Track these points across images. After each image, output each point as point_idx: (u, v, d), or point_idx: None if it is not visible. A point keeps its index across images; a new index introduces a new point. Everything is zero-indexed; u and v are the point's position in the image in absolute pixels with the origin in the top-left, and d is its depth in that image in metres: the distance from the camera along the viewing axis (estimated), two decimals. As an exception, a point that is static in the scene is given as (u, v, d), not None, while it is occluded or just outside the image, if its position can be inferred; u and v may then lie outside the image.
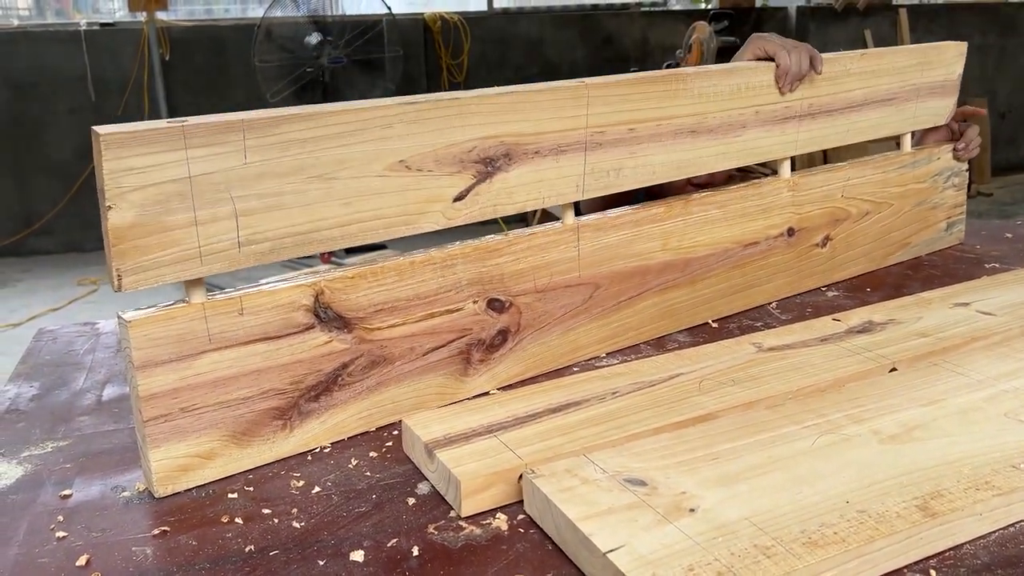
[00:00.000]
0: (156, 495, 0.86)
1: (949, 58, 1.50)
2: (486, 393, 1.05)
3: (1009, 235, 1.64)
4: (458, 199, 1.00)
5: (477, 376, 1.06)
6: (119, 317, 0.85)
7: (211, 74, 5.33)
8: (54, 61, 5.10)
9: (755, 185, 1.29)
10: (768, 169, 1.42)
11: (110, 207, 0.79)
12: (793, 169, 1.36)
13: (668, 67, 1.45)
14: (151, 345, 0.84)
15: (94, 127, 0.78)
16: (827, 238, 1.39)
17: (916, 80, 1.46)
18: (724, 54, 4.75)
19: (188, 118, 0.83)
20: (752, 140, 1.25)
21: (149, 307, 0.86)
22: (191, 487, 0.88)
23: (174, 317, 0.85)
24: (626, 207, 1.18)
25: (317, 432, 0.95)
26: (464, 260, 1.02)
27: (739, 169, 1.33)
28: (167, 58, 5.19)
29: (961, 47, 1.52)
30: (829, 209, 1.38)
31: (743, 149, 1.25)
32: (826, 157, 2.91)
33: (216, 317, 0.87)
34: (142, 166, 0.79)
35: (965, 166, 1.58)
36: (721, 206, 1.25)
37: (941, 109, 1.52)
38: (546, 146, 1.05)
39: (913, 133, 1.50)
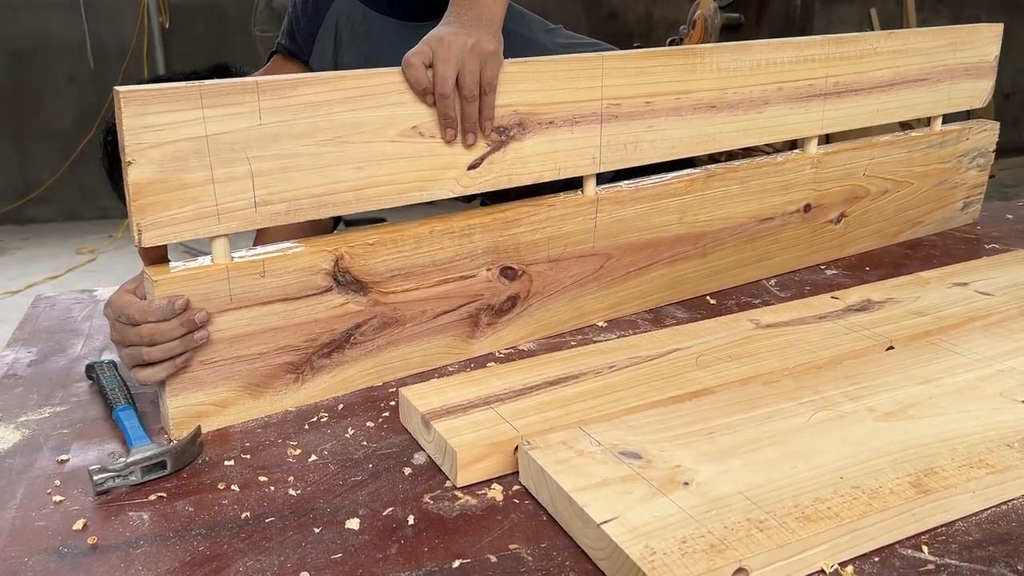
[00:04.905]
0: (172, 438, 0.89)
1: (983, 39, 1.48)
2: (488, 355, 1.06)
3: (1010, 216, 1.64)
4: (472, 167, 1.00)
5: (483, 338, 1.07)
6: (146, 274, 0.87)
7: (211, 43, 5.28)
8: (53, 28, 5.06)
9: (778, 162, 1.28)
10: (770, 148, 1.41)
11: (130, 163, 0.81)
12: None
13: (671, 43, 1.43)
14: None
15: (116, 87, 0.81)
16: (842, 215, 1.38)
17: (949, 61, 1.44)
18: (728, 31, 4.72)
19: (205, 80, 0.85)
20: (775, 117, 1.25)
21: (175, 266, 0.88)
22: (205, 431, 0.91)
23: (199, 277, 0.87)
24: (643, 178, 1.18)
25: (326, 385, 0.98)
26: (482, 229, 1.03)
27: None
28: (167, 26, 5.15)
29: (996, 28, 1.50)
30: (849, 187, 1.37)
31: (766, 126, 1.24)
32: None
33: (239, 279, 0.89)
34: (160, 123, 0.82)
35: (993, 146, 1.56)
36: (742, 182, 1.24)
37: (976, 91, 1.51)
38: (560, 116, 1.04)
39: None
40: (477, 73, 0.95)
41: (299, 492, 0.81)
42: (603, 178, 1.16)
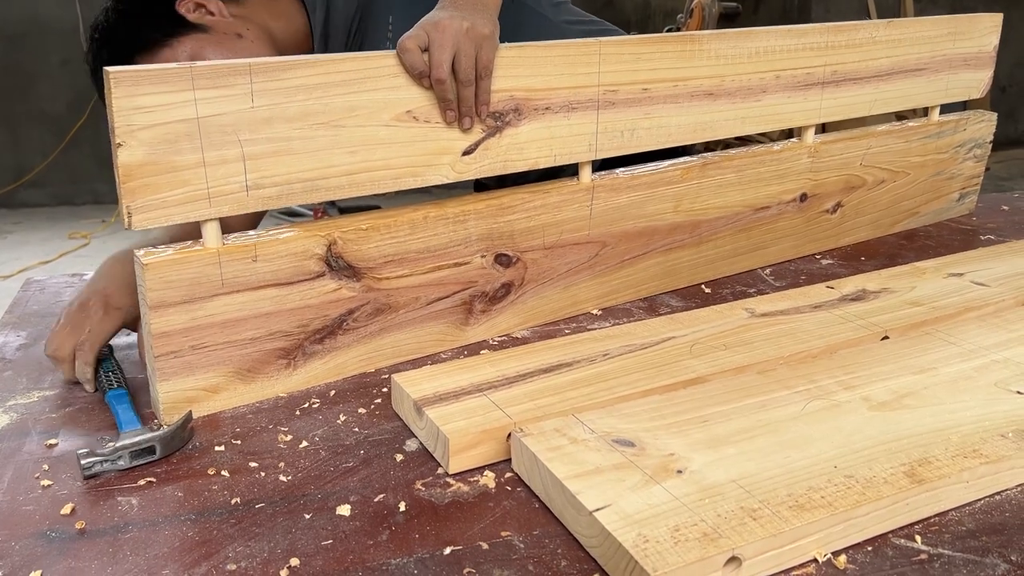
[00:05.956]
0: (162, 423, 0.88)
1: (982, 29, 1.47)
2: (482, 342, 1.06)
3: (1006, 207, 1.63)
4: (467, 153, 0.99)
5: (477, 325, 1.07)
6: (136, 257, 0.86)
7: (205, 28, 5.25)
8: (46, 11, 5.02)
9: (775, 150, 1.27)
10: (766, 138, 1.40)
11: (120, 144, 0.80)
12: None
13: (669, 32, 1.42)
14: (165, 287, 0.85)
15: (106, 67, 0.79)
16: (838, 204, 1.38)
17: (947, 51, 1.43)
18: (725, 20, 4.70)
19: (197, 61, 0.84)
20: (773, 105, 1.24)
21: (166, 249, 0.87)
22: (196, 416, 0.90)
23: (189, 261, 0.86)
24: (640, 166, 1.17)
25: (319, 371, 0.97)
26: (477, 216, 1.02)
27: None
28: (161, 11, 5.10)
29: (996, 18, 1.49)
30: (845, 176, 1.37)
31: (764, 114, 1.24)
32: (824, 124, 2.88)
33: (230, 263, 0.88)
34: (151, 105, 0.80)
35: (990, 137, 1.56)
36: (738, 170, 1.24)
37: (975, 82, 1.50)
38: (557, 102, 1.04)
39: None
40: (473, 57, 0.94)
41: (290, 478, 0.80)
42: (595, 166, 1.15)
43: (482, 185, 1.32)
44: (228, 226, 0.91)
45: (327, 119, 0.90)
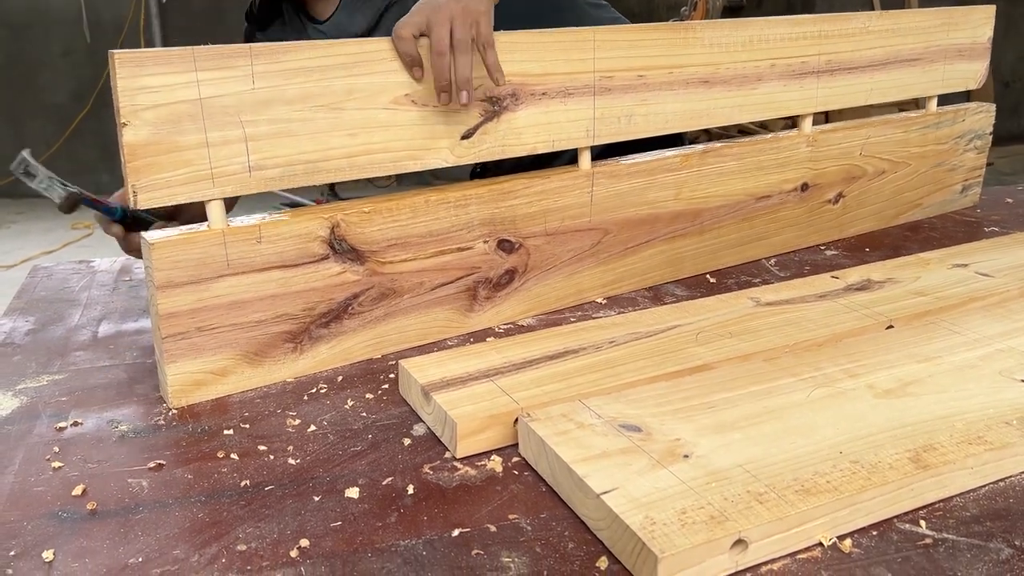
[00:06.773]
0: (171, 406, 0.90)
1: (976, 20, 1.48)
2: (487, 330, 1.06)
3: (1009, 200, 1.64)
4: (465, 137, 1.00)
5: (481, 312, 1.07)
6: (143, 238, 0.87)
7: (209, 19, 5.25)
8: (49, 2, 5.02)
9: (774, 139, 1.28)
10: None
11: (125, 124, 0.81)
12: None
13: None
14: (172, 267, 0.86)
15: (111, 50, 0.81)
16: (840, 195, 1.38)
17: (942, 41, 1.44)
18: (730, 13, 4.69)
19: (198, 46, 0.85)
20: (769, 94, 1.25)
21: (171, 230, 0.88)
22: (204, 400, 0.91)
23: (195, 241, 0.87)
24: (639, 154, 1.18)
25: (325, 356, 0.98)
26: (478, 200, 1.03)
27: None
28: (164, 1, 5.11)
29: (988, 10, 1.50)
30: (846, 166, 1.37)
31: (760, 102, 1.24)
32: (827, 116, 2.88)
33: (235, 244, 0.89)
34: (155, 85, 0.82)
35: (990, 128, 1.56)
36: (738, 158, 1.24)
37: (971, 72, 1.51)
38: (553, 88, 1.04)
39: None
40: (469, 28, 0.95)
41: (298, 461, 0.81)
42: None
43: (478, 175, 1.33)
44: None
45: (327, 101, 0.91)
